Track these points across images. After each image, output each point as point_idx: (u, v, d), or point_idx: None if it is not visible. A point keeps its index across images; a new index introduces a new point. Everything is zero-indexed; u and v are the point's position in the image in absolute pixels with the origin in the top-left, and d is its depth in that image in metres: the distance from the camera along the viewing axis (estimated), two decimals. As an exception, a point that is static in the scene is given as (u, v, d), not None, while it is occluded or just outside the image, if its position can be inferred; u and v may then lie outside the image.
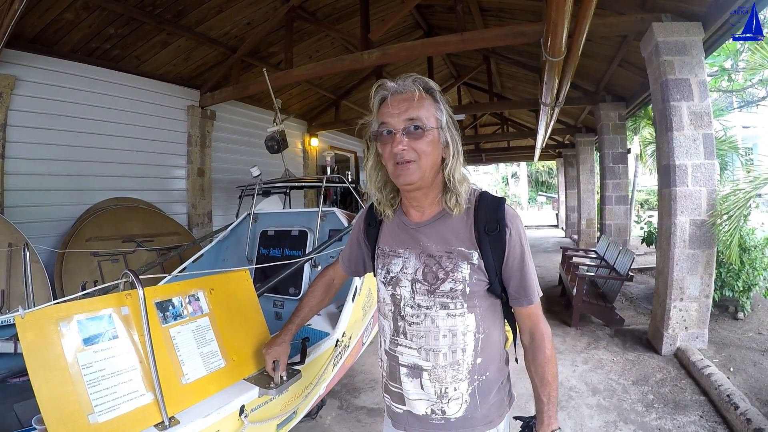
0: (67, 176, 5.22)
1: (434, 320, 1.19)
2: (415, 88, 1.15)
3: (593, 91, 8.16)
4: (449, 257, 1.19)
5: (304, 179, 4.74)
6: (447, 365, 1.20)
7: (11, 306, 3.75)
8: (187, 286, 1.73)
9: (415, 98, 1.14)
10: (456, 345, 1.19)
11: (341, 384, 3.68)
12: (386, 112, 1.16)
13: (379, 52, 5.32)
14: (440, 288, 1.18)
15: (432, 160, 1.16)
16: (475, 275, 1.18)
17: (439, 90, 1.20)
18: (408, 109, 1.14)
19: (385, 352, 1.31)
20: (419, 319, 1.21)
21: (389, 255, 1.30)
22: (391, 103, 1.15)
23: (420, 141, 1.13)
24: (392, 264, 1.28)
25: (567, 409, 3.29)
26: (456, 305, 1.18)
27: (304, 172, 10.09)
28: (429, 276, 1.20)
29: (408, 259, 1.25)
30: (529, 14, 6.06)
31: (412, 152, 1.13)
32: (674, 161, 4.04)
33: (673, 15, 4.15)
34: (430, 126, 1.15)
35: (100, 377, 1.34)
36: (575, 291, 5.17)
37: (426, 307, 1.20)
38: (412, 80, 1.17)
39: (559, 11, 3.13)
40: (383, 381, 1.35)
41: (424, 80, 1.18)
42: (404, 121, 1.13)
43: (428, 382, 1.21)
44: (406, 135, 1.13)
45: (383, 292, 1.31)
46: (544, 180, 37.68)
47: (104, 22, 4.98)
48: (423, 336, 1.21)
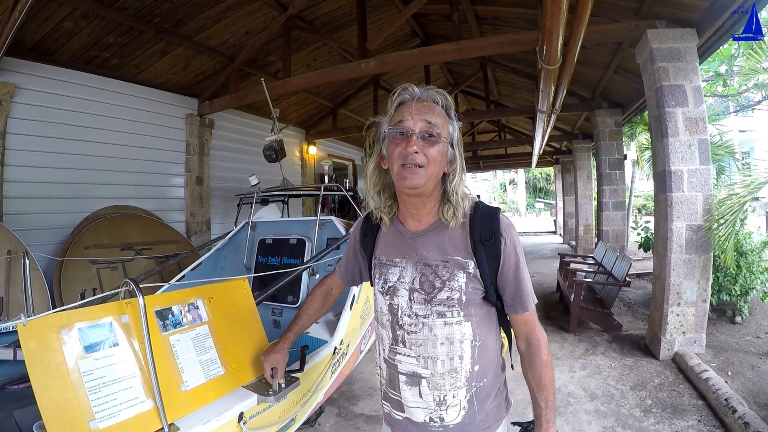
0: (66, 184, 5.23)
1: (432, 329, 1.20)
2: (438, 100, 1.21)
3: (589, 97, 8.21)
4: (445, 266, 1.20)
5: (302, 188, 4.76)
6: (445, 373, 1.21)
7: (10, 313, 3.75)
8: (186, 294, 1.74)
9: (435, 108, 1.20)
10: (453, 352, 1.21)
11: (339, 391, 3.68)
12: (406, 112, 1.19)
13: (376, 61, 5.36)
14: (437, 297, 1.19)
15: (438, 169, 1.20)
16: (471, 284, 1.20)
17: (454, 109, 1.25)
18: (427, 115, 1.17)
19: (384, 360, 1.32)
20: (417, 327, 1.22)
21: (386, 264, 1.31)
22: (407, 107, 1.19)
23: (432, 148, 1.17)
24: (389, 273, 1.29)
25: (565, 414, 3.29)
26: (453, 313, 1.19)
27: (302, 181, 10.11)
28: (426, 285, 1.21)
29: (405, 269, 1.26)
30: (524, 22, 6.11)
31: (422, 157, 1.15)
32: (670, 167, 4.07)
33: (667, 21, 4.19)
34: (443, 136, 1.19)
35: (101, 384, 1.35)
36: (573, 297, 5.17)
37: (423, 315, 1.21)
38: (435, 91, 1.22)
39: (554, 19, 3.17)
40: (382, 389, 1.36)
41: (446, 96, 1.23)
42: (422, 124, 1.17)
43: (427, 389, 1.22)
44: (421, 139, 1.16)
45: (381, 302, 1.32)
46: (542, 186, 37.76)
47: (103, 31, 5.01)
48: (421, 344, 1.22)
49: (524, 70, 8.23)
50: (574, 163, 11.95)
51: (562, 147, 14.49)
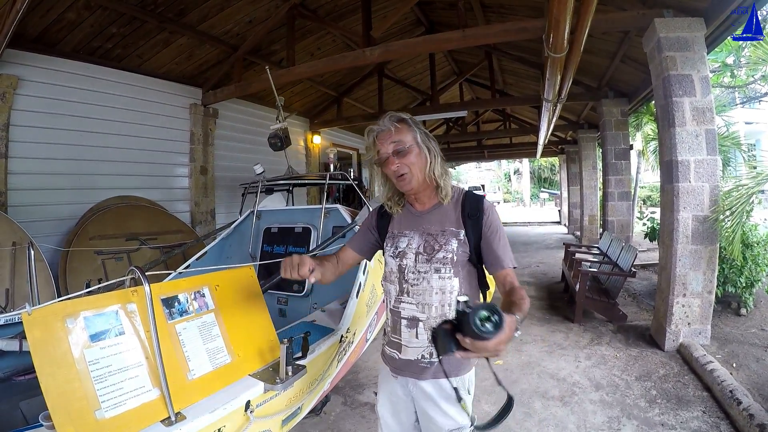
0: (70, 175, 5.24)
1: (429, 281, 1.56)
2: (391, 124, 1.58)
3: (595, 87, 8.12)
4: (443, 235, 1.59)
5: (307, 176, 4.75)
6: (437, 316, 1.55)
7: (15, 305, 3.77)
8: (192, 282, 1.74)
9: (393, 130, 1.58)
10: (444, 300, 1.56)
11: (345, 380, 3.69)
12: (379, 143, 1.60)
13: (380, 49, 5.32)
14: (436, 256, 1.56)
15: (419, 168, 1.58)
16: (461, 248, 1.56)
17: (409, 117, 1.63)
18: (390, 138, 1.57)
19: (390, 310, 1.69)
20: (418, 281, 1.58)
21: (398, 236, 1.69)
22: (378, 139, 1.60)
23: (406, 157, 1.56)
24: (400, 241, 1.66)
25: (570, 404, 3.29)
26: (446, 270, 1.55)
27: (306, 170, 10.09)
28: (428, 248, 1.59)
29: (413, 238, 1.64)
30: (530, 10, 6.03)
31: (404, 167, 1.56)
32: (677, 157, 4.04)
33: (675, 11, 4.12)
34: (409, 144, 1.57)
35: (107, 373, 1.35)
36: (578, 287, 5.16)
37: (424, 272, 1.57)
38: (388, 119, 1.60)
39: (561, 7, 3.13)
40: (386, 337, 1.73)
41: (397, 115, 1.62)
42: (392, 146, 1.56)
43: (422, 330, 1.57)
44: (396, 156, 1.56)
45: (391, 263, 1.67)
46: (547, 176, 37.63)
47: (106, 21, 4.99)
48: (421, 294, 1.58)
49: (530, 59, 8.15)
50: (580, 153, 11.88)
51: (568, 137, 14.38)
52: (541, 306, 5.98)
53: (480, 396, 3.41)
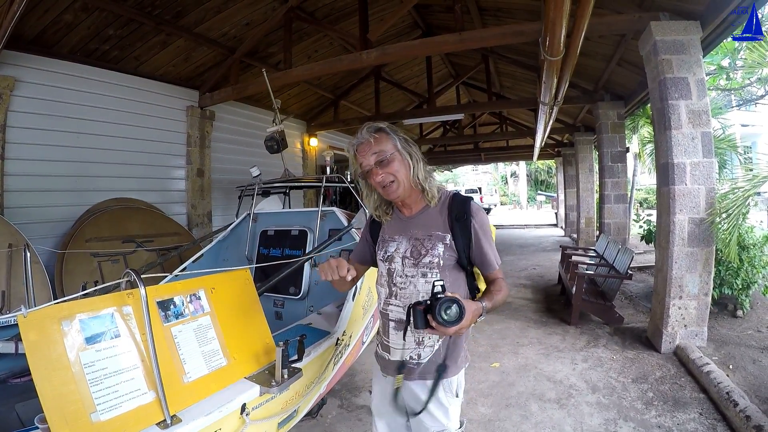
0: (66, 177, 5.23)
1: (416, 285, 1.58)
2: (370, 135, 1.60)
3: (592, 90, 8.16)
4: (429, 239, 1.60)
5: (303, 179, 4.75)
6: None
7: (12, 307, 3.75)
8: (188, 285, 1.73)
9: (372, 141, 1.59)
10: None
11: (341, 383, 3.69)
12: (360, 156, 1.62)
13: (377, 52, 5.33)
14: (422, 261, 1.58)
15: (404, 175, 1.60)
16: (447, 252, 1.57)
17: (386, 125, 1.64)
18: (371, 149, 1.58)
19: (381, 312, 1.71)
20: (405, 285, 1.60)
21: (387, 240, 1.71)
22: (359, 152, 1.62)
23: (389, 166, 1.58)
24: (389, 246, 1.68)
25: (567, 407, 3.29)
26: (432, 274, 1.56)
27: (303, 172, 10.09)
28: (414, 253, 1.60)
29: (401, 243, 1.65)
30: (527, 13, 6.06)
31: (389, 176, 1.58)
32: (673, 160, 4.05)
33: (671, 14, 4.15)
34: (390, 153, 1.59)
35: (103, 376, 1.34)
36: (575, 289, 5.17)
37: (411, 276, 1.59)
38: (366, 130, 1.62)
39: (558, 10, 3.13)
40: (379, 337, 1.76)
41: (374, 125, 1.63)
42: (374, 157, 1.58)
43: (409, 333, 1.51)
44: (378, 166, 1.57)
45: (381, 267, 1.70)
46: (544, 179, 37.69)
47: (103, 23, 4.99)
48: (408, 297, 1.58)
49: (526, 62, 8.18)
50: (576, 156, 11.92)
51: (564, 139, 14.42)
52: (537, 309, 5.99)
53: (476, 399, 3.42)
